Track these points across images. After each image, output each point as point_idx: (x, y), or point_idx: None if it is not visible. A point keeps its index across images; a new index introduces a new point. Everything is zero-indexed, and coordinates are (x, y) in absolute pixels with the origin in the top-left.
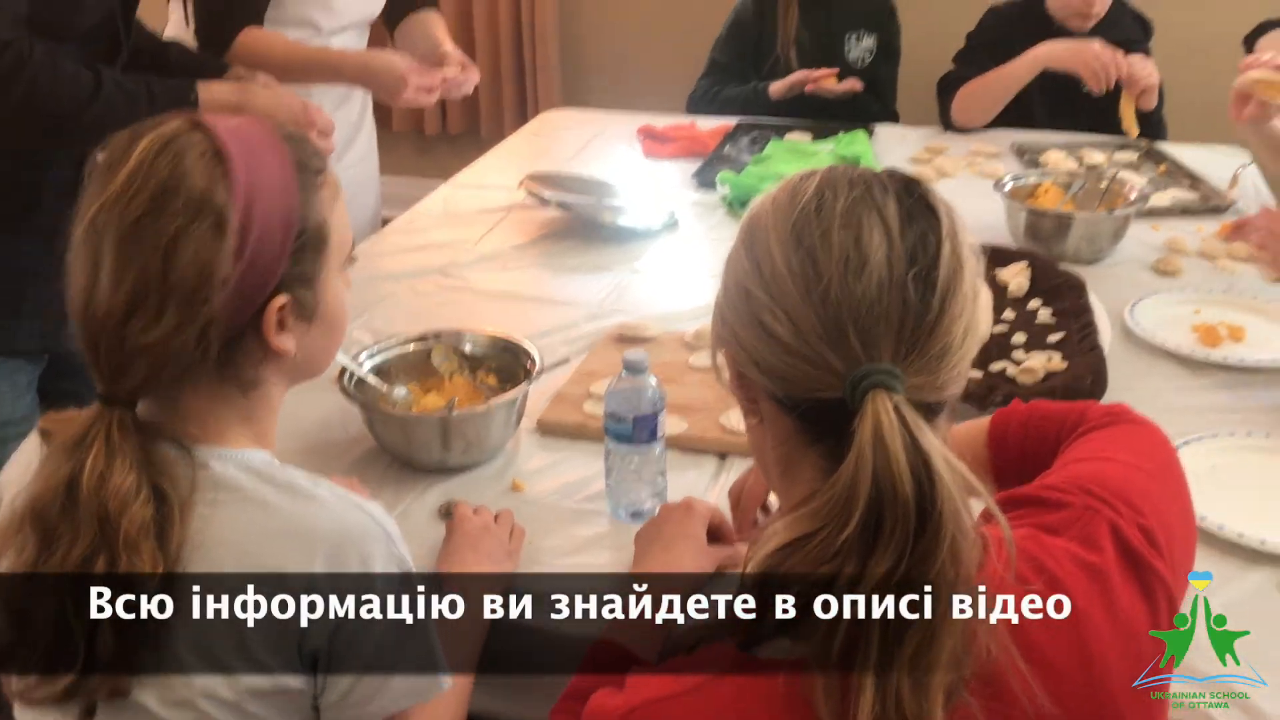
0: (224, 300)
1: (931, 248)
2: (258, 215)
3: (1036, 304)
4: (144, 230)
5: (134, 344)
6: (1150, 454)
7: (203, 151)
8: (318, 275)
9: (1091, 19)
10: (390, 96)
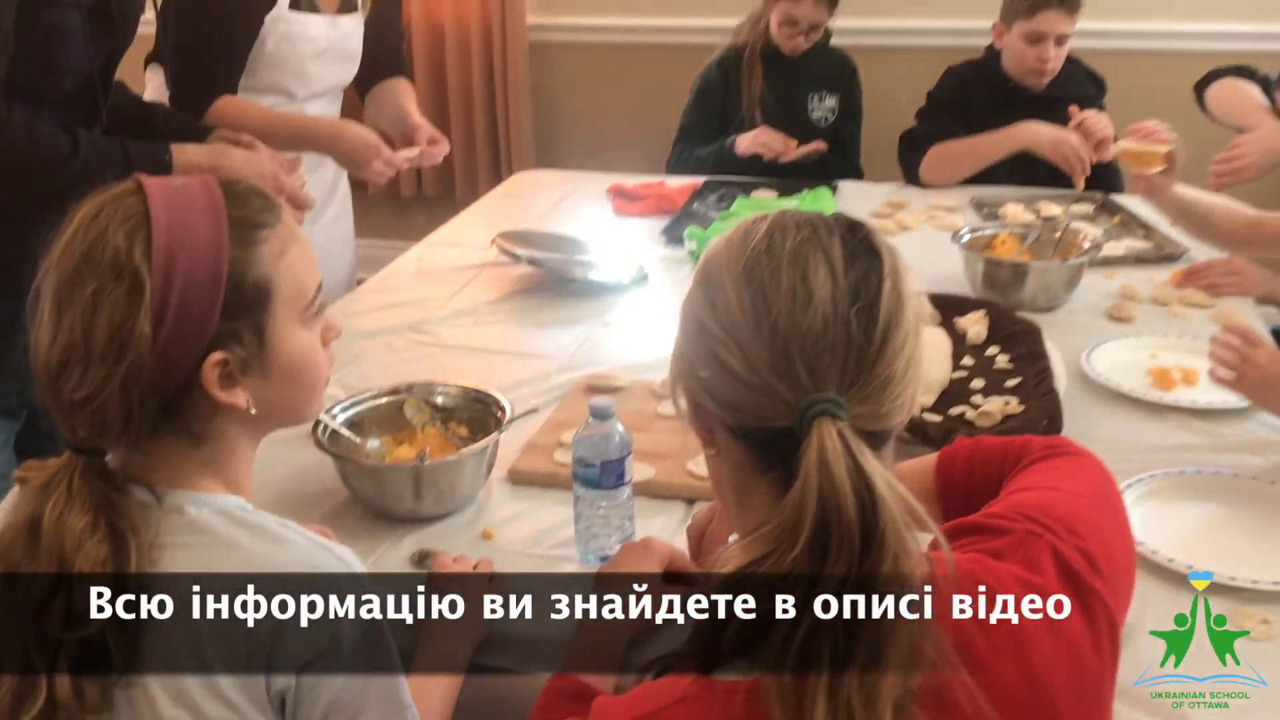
0: (149, 359)
1: (873, 285)
2: (179, 276)
3: (994, 351)
4: (72, 291)
5: (68, 399)
6: (1089, 482)
7: (128, 215)
8: (265, 329)
9: (1046, 76)
10: (358, 168)
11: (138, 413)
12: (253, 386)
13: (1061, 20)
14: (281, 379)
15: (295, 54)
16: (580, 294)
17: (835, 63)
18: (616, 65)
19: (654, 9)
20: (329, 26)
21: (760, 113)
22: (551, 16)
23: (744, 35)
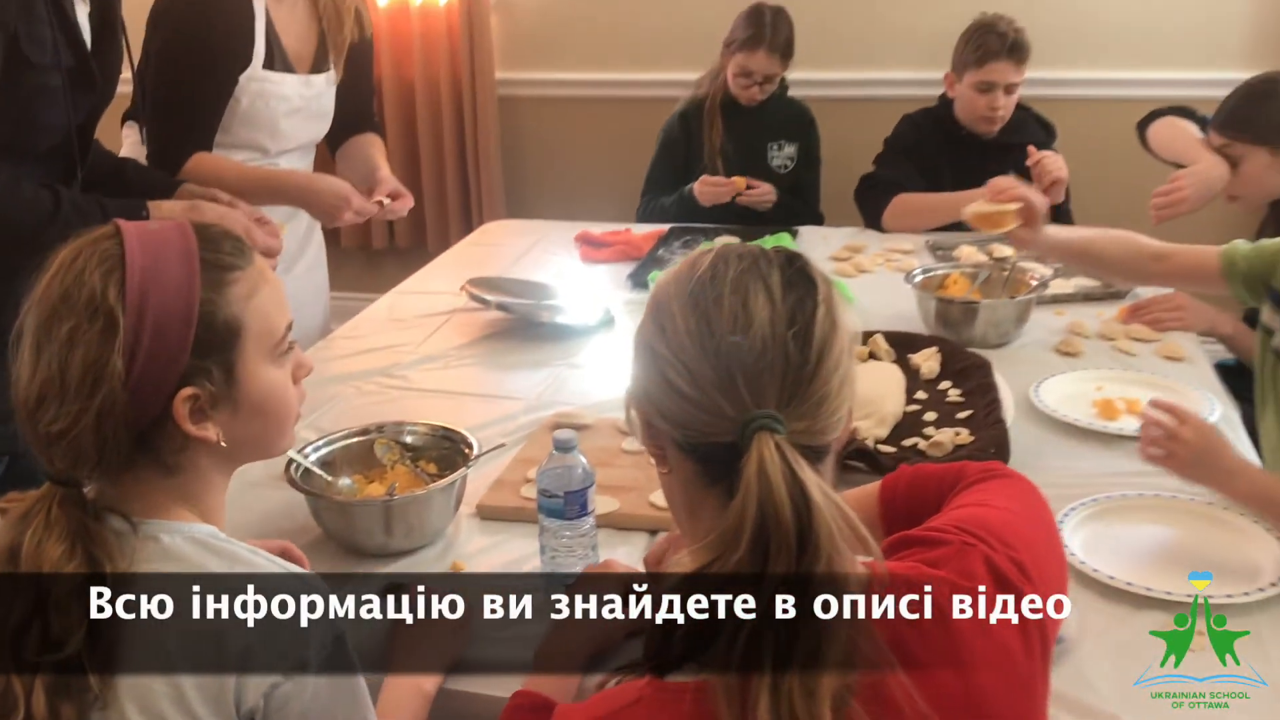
0: (122, 394)
1: (809, 310)
2: (151, 315)
3: (947, 385)
4: (50, 329)
5: (44, 432)
6: (1022, 500)
7: (104, 258)
8: (235, 365)
9: (997, 124)
10: (329, 219)
11: (111, 445)
12: (223, 421)
13: (1009, 70)
14: (252, 413)
15: (269, 111)
16: (547, 337)
17: (793, 112)
18: (583, 118)
19: (619, 63)
20: (302, 85)
21: (722, 161)
22: (519, 72)
23: (704, 87)
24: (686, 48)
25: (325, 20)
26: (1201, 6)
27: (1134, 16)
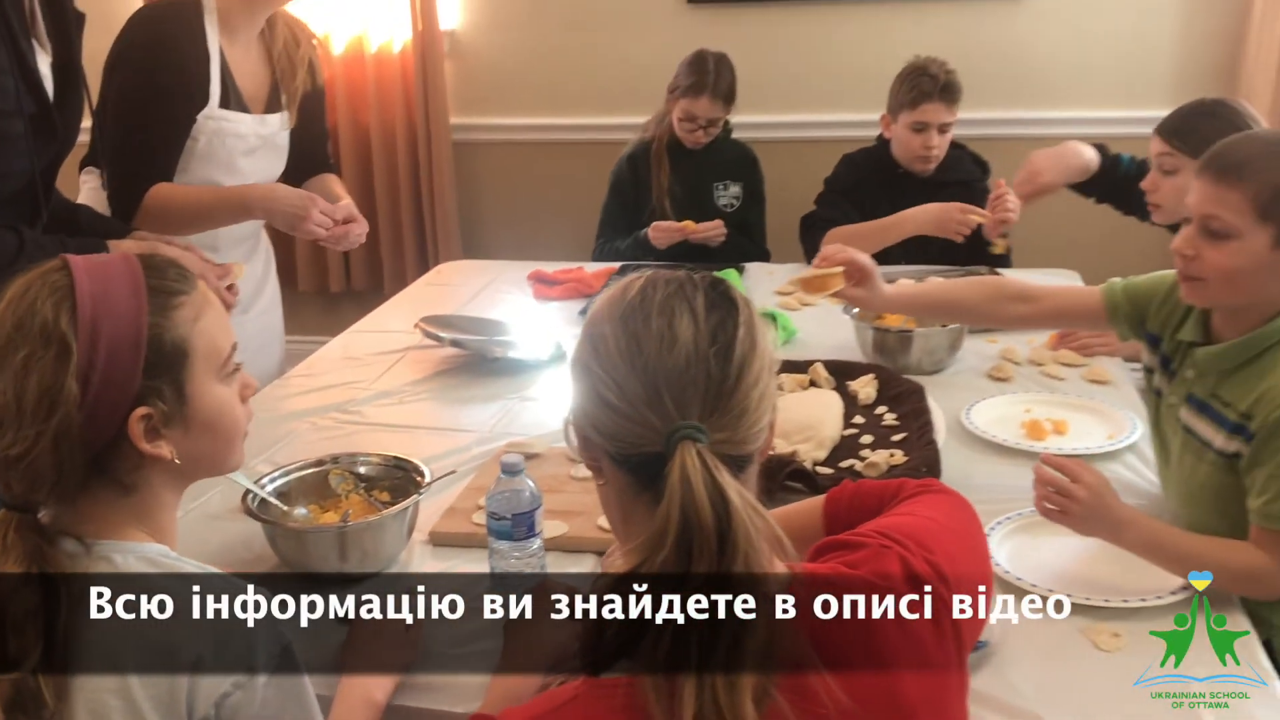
0: (78, 416)
1: (730, 330)
2: (104, 340)
3: (883, 410)
4: (5, 359)
5: (3, 456)
6: (948, 512)
7: (55, 288)
8: (184, 385)
9: (932, 162)
10: (294, 225)
11: (68, 467)
12: (176, 438)
13: (942, 111)
14: (202, 431)
15: (226, 150)
16: (500, 372)
17: (737, 153)
18: (535, 160)
19: (569, 108)
20: (258, 124)
21: (669, 202)
22: (473, 117)
23: (650, 131)
24: (633, 93)
25: (279, 70)
26: (1124, 48)
27: (1061, 58)
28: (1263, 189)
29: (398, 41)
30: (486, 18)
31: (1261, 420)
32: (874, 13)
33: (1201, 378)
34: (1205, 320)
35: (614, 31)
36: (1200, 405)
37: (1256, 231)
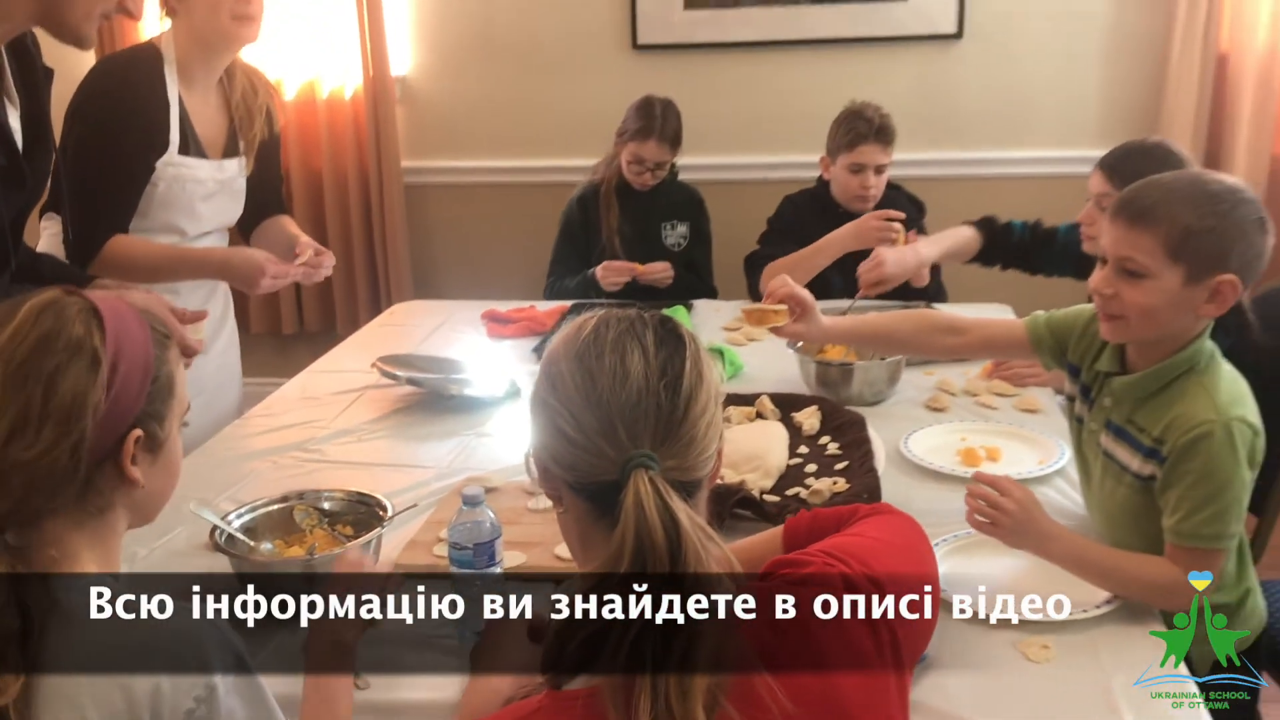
0: (94, 424)
1: (678, 365)
2: (124, 359)
3: (826, 440)
4: (28, 369)
5: (13, 461)
6: (896, 532)
7: (81, 308)
8: (165, 417)
9: (870, 202)
10: (249, 286)
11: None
12: (145, 469)
13: (878, 152)
14: (162, 469)
15: (185, 195)
16: (456, 409)
17: (683, 195)
18: (486, 203)
19: (518, 151)
20: (215, 169)
21: (619, 242)
22: (424, 160)
23: (600, 174)
24: (581, 136)
25: (237, 118)
26: (1053, 92)
27: (993, 102)
28: (1172, 231)
29: (349, 87)
30: (436, 64)
31: (1172, 445)
32: (812, 58)
33: (1118, 405)
34: (1120, 351)
35: (562, 77)
36: (1118, 431)
37: (1169, 271)
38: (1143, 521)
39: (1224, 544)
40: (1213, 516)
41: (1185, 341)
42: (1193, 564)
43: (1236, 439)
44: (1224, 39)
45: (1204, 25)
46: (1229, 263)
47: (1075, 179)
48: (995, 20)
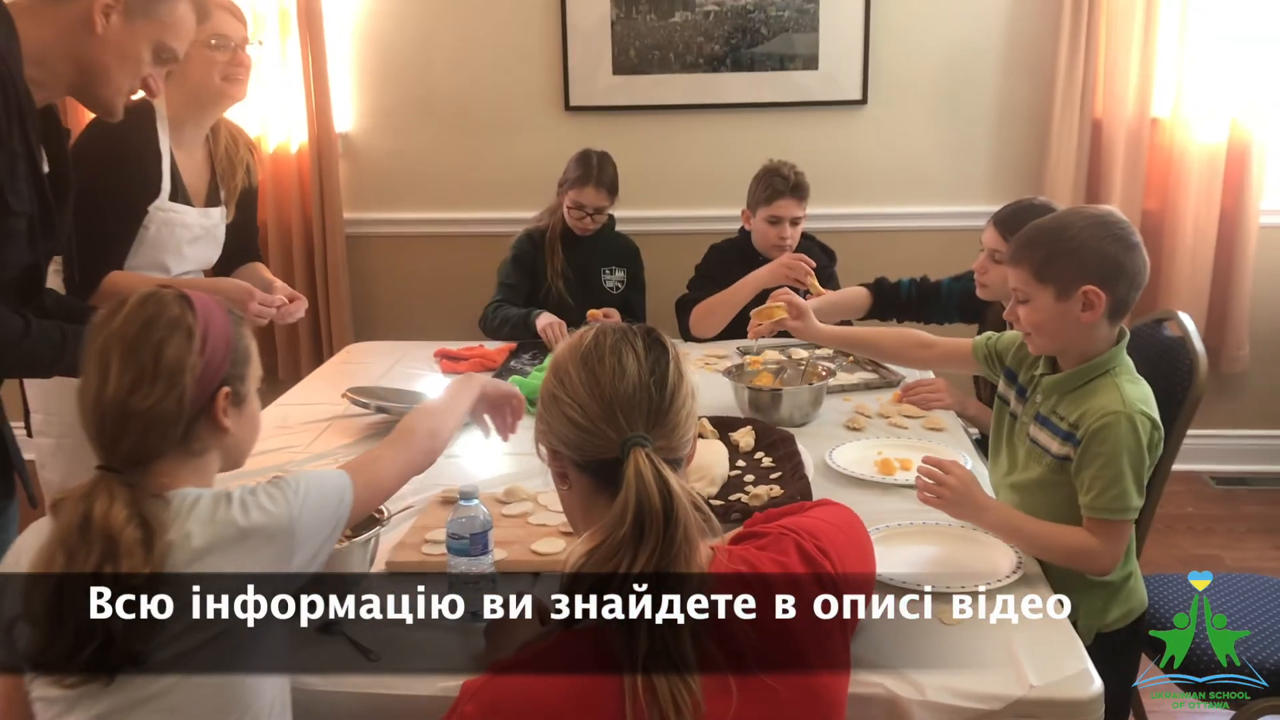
0: (193, 381)
1: (664, 365)
2: (211, 332)
3: (760, 455)
4: (140, 341)
5: (133, 409)
6: (835, 515)
7: (175, 297)
8: (245, 378)
9: (786, 250)
10: (239, 309)
11: (176, 423)
12: (233, 420)
13: (794, 206)
14: (247, 421)
15: (173, 238)
16: None
17: (620, 243)
18: (424, 252)
19: (456, 204)
20: (201, 216)
21: (562, 283)
22: (365, 212)
23: (545, 220)
24: (515, 189)
25: (219, 170)
26: (949, 152)
27: (894, 161)
28: (1034, 262)
29: (295, 142)
30: (378, 121)
31: (1085, 430)
32: (732, 121)
33: (1046, 399)
34: (1053, 360)
35: (497, 135)
36: (1043, 420)
37: (1042, 293)
38: (1051, 494)
39: (1129, 515)
40: (1120, 493)
41: (1100, 350)
42: (1103, 533)
43: (1139, 427)
44: (1098, 106)
45: (1080, 94)
46: (1087, 276)
47: (967, 232)
48: (896, 88)
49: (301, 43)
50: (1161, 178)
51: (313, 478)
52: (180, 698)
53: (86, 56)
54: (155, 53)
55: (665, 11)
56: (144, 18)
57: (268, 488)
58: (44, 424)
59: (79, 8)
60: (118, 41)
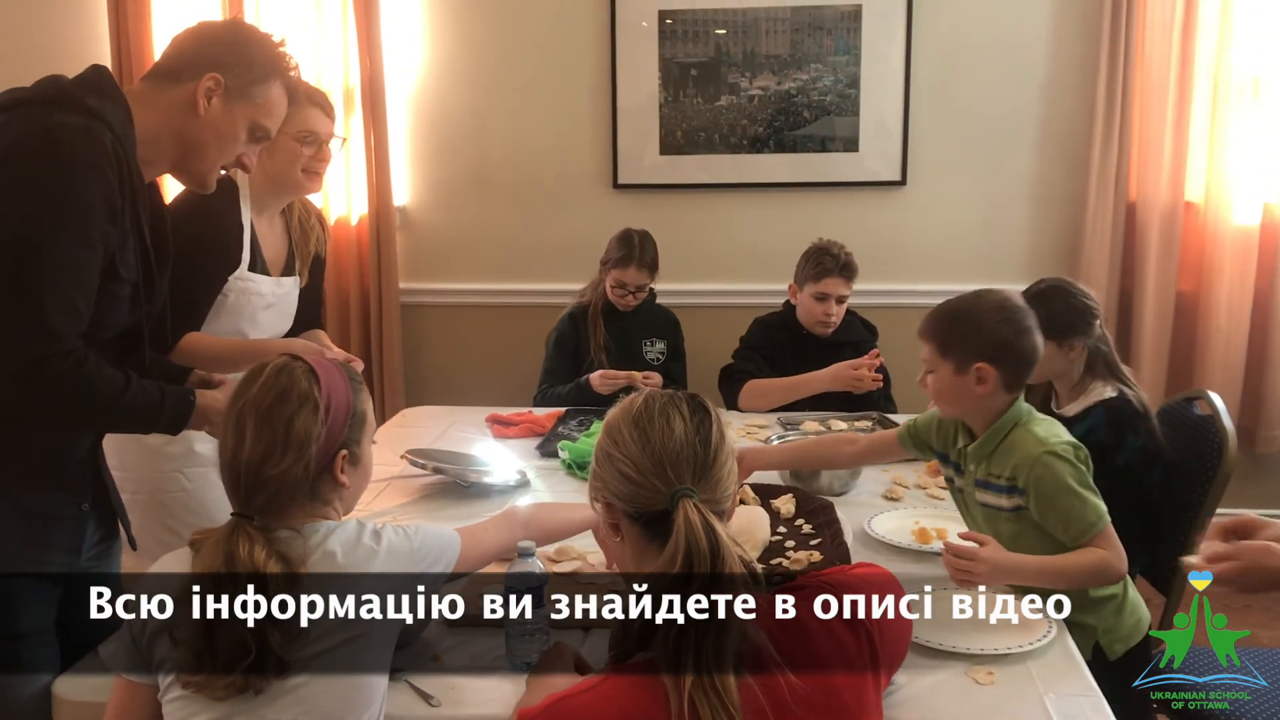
0: (316, 450)
1: (708, 426)
2: (333, 402)
3: (801, 521)
4: (273, 414)
5: (265, 475)
6: (870, 570)
7: (305, 371)
8: (361, 440)
9: (831, 328)
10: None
11: (302, 483)
12: (349, 475)
13: (841, 285)
14: (361, 474)
15: (250, 306)
16: (476, 495)
17: (661, 316)
18: (475, 321)
19: (506, 276)
20: (275, 285)
21: (605, 356)
22: (420, 282)
23: (587, 296)
24: (564, 263)
25: (294, 236)
26: (986, 232)
27: (932, 240)
28: (938, 339)
29: (355, 215)
30: (434, 196)
31: (1024, 478)
32: (774, 200)
33: (978, 465)
34: (968, 430)
35: (547, 210)
36: (984, 484)
37: (943, 365)
38: (1021, 541)
39: (1104, 521)
40: (1085, 510)
41: (1001, 410)
42: (1098, 545)
43: (1062, 454)
44: (1133, 190)
45: (1114, 177)
46: (981, 355)
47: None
48: (935, 170)
49: (364, 119)
50: (1195, 260)
51: (429, 528)
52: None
53: (189, 135)
54: (250, 131)
55: (711, 95)
56: (242, 100)
57: (393, 525)
58: (120, 481)
59: (185, 91)
60: (217, 121)
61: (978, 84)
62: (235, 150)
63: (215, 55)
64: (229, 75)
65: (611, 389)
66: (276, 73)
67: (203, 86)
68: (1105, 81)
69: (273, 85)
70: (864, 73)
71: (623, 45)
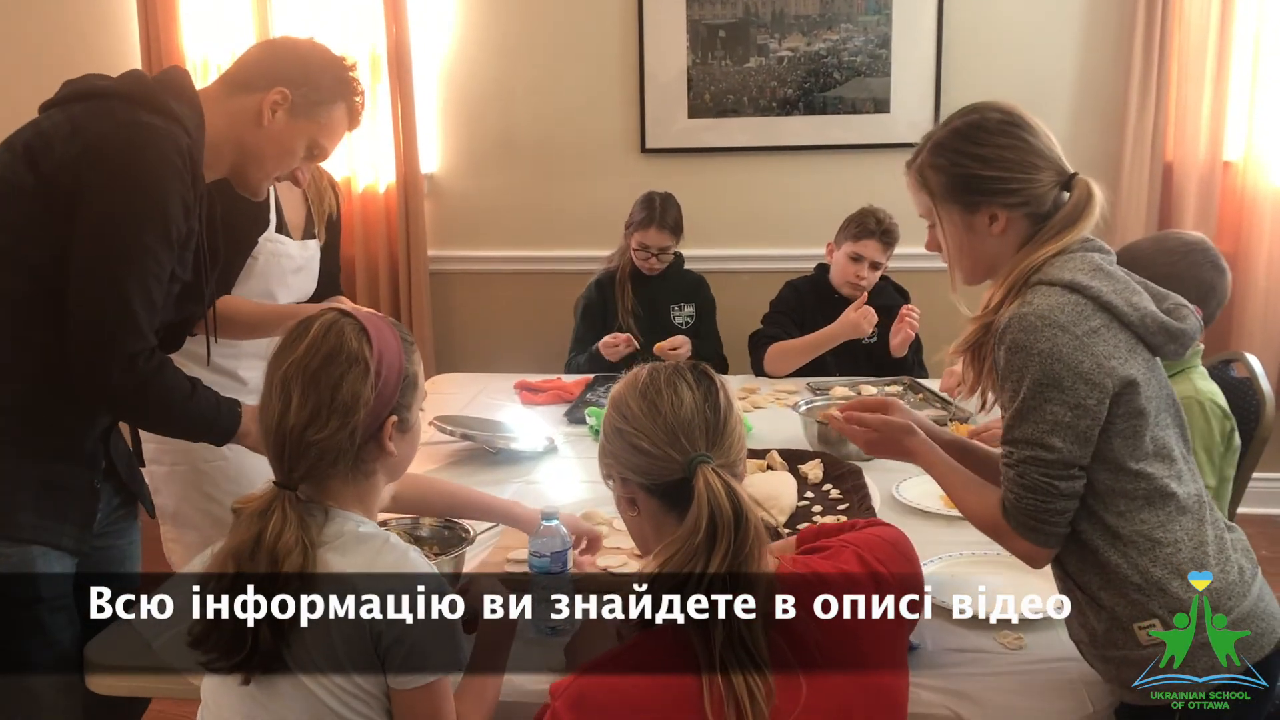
0: (364, 415)
1: (715, 393)
2: (385, 366)
3: (829, 487)
4: (320, 376)
5: (309, 441)
6: (886, 531)
7: (356, 329)
8: (411, 405)
9: (861, 290)
10: None
11: (347, 450)
12: (398, 442)
13: (877, 250)
14: (409, 442)
15: (279, 268)
16: (505, 461)
17: (688, 279)
18: (504, 288)
19: (534, 242)
20: (300, 247)
21: (634, 321)
22: (448, 250)
23: (614, 262)
24: (592, 229)
25: (309, 195)
26: None
27: None
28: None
29: (382, 183)
30: (462, 163)
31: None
32: (804, 162)
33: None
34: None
35: (576, 177)
36: None
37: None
38: None
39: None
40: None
41: None
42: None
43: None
44: (1169, 150)
45: (1151, 138)
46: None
47: None
48: None
49: (391, 88)
50: (1234, 221)
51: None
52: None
53: (249, 144)
54: (309, 149)
55: (740, 57)
56: (306, 118)
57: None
58: (157, 453)
59: (252, 101)
60: (279, 135)
61: (1011, 42)
62: (291, 164)
63: (286, 70)
64: (296, 91)
65: (618, 356)
66: (343, 96)
67: (269, 99)
68: (1142, 38)
69: (337, 107)
70: (895, 32)
71: (650, 8)
